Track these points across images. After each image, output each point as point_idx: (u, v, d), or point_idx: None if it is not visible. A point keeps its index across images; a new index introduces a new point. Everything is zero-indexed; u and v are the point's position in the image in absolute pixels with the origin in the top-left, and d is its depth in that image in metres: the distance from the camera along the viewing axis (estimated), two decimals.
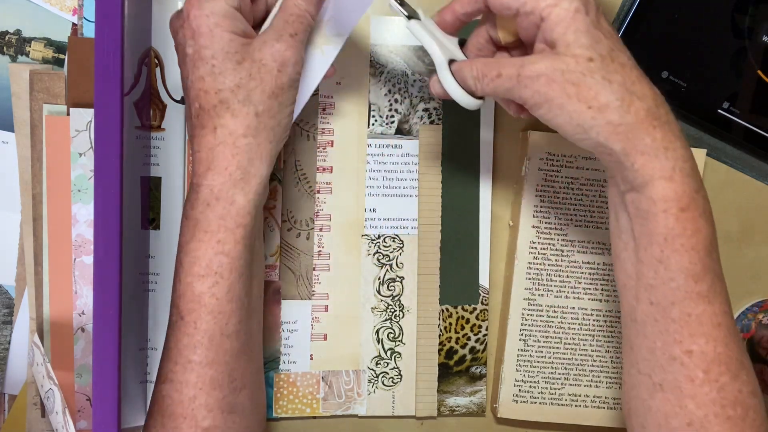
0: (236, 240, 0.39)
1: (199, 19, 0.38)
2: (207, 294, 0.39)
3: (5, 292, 0.51)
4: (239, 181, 0.39)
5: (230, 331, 0.40)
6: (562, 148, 0.52)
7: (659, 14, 0.52)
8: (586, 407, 0.53)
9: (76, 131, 0.48)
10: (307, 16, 0.41)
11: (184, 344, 0.39)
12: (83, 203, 0.48)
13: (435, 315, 0.54)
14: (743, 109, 0.54)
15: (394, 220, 0.53)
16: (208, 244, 0.39)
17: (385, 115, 0.53)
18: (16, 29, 0.50)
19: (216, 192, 0.39)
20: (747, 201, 0.56)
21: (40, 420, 0.50)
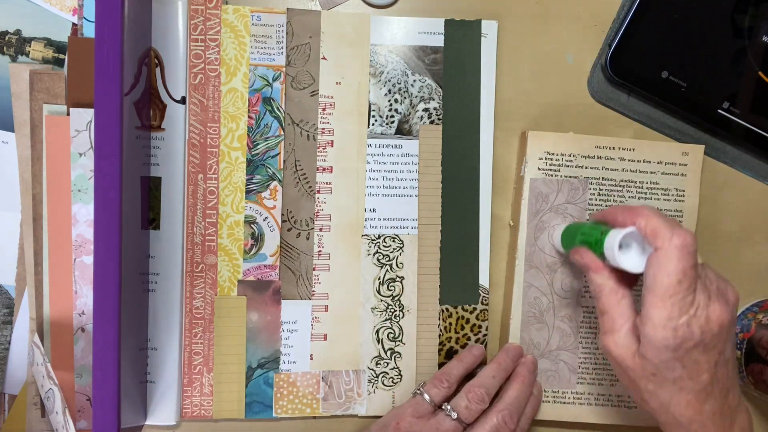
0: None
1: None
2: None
3: (5, 292, 0.51)
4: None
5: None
6: (562, 148, 0.52)
7: (659, 14, 0.52)
8: (590, 405, 0.53)
9: (76, 131, 0.48)
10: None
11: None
12: (83, 203, 0.48)
13: (435, 315, 0.54)
14: (743, 109, 0.54)
15: (394, 220, 0.53)
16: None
17: (385, 115, 0.53)
18: (16, 29, 0.50)
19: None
20: (747, 201, 0.56)
21: (40, 420, 0.50)
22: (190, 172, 0.51)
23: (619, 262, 0.41)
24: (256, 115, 0.52)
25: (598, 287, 0.43)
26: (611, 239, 0.42)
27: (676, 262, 0.39)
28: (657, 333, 0.39)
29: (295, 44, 0.52)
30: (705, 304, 0.40)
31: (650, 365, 0.40)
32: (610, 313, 0.42)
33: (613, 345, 0.42)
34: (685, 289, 0.39)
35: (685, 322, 0.39)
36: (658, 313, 0.39)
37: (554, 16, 0.54)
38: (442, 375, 0.51)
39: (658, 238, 0.39)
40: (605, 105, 0.54)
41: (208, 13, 0.51)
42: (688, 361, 0.40)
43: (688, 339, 0.39)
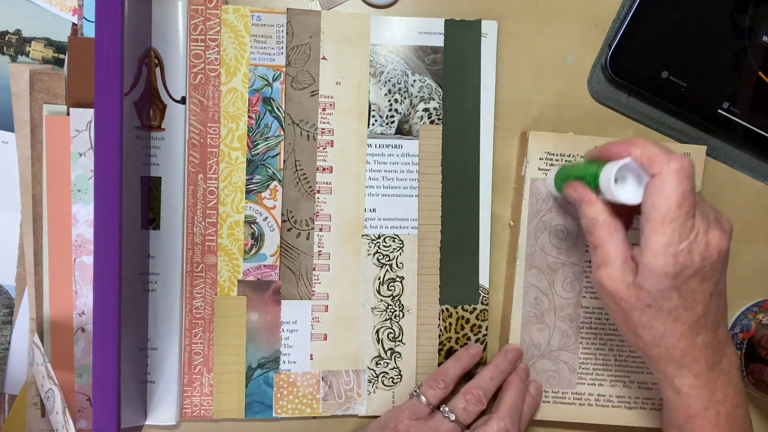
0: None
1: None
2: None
3: (5, 292, 0.51)
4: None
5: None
6: (562, 148, 0.52)
7: (659, 14, 0.52)
8: (590, 405, 0.53)
9: (76, 131, 0.48)
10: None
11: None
12: (83, 203, 0.48)
13: (435, 315, 0.54)
14: (743, 109, 0.54)
15: (394, 220, 0.53)
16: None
17: (385, 115, 0.53)
18: (16, 29, 0.50)
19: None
20: (747, 201, 0.56)
21: (40, 420, 0.50)
22: (190, 172, 0.51)
23: (615, 195, 0.41)
24: (256, 115, 0.52)
25: (591, 220, 0.42)
26: (607, 171, 0.41)
27: (675, 185, 0.38)
28: (657, 259, 0.38)
29: (295, 44, 0.52)
30: (705, 231, 0.39)
31: (646, 295, 0.40)
32: (603, 246, 0.42)
33: (607, 278, 0.41)
34: (685, 213, 0.38)
35: (686, 247, 0.38)
36: (658, 239, 0.38)
37: (554, 16, 0.54)
38: (439, 375, 0.51)
39: (655, 164, 0.39)
40: (605, 105, 0.54)
41: (208, 13, 0.51)
42: (685, 291, 0.39)
43: (688, 266, 0.39)
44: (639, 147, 0.40)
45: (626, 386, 0.53)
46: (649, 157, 0.39)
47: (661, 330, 0.41)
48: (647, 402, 0.53)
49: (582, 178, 0.44)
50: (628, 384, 0.53)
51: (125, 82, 0.44)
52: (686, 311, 0.40)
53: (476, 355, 0.52)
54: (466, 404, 0.49)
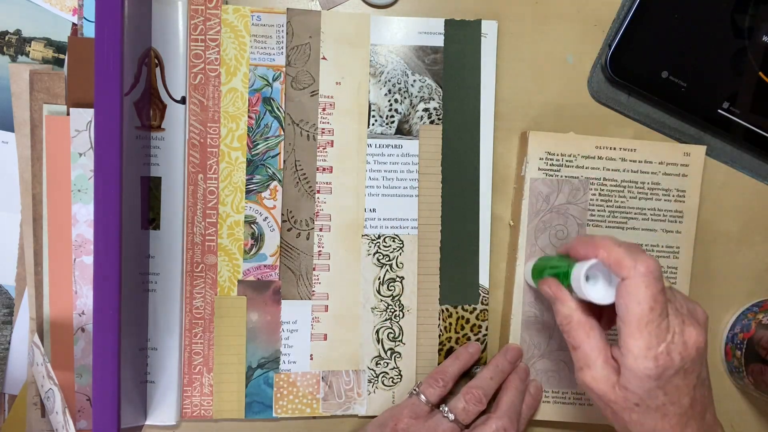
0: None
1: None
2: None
3: (5, 292, 0.51)
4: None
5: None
6: (562, 148, 0.52)
7: (659, 14, 0.52)
8: (590, 405, 0.53)
9: (76, 131, 0.48)
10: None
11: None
12: (83, 203, 0.48)
13: (435, 315, 0.54)
14: (743, 109, 0.54)
15: (394, 220, 0.53)
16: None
17: (385, 115, 0.53)
18: (16, 29, 0.50)
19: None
20: (747, 201, 0.56)
21: (40, 420, 0.50)
22: (190, 172, 0.51)
23: (586, 294, 0.41)
24: (256, 115, 0.52)
25: (566, 318, 0.43)
26: (577, 271, 0.42)
27: (644, 289, 0.39)
28: (638, 364, 0.39)
29: (295, 44, 0.52)
30: (680, 330, 0.40)
31: (633, 396, 0.40)
32: (582, 348, 0.42)
33: (591, 380, 0.42)
34: (658, 315, 0.39)
35: (665, 349, 0.39)
36: (636, 343, 0.39)
37: (554, 16, 0.54)
38: (438, 374, 0.51)
39: (623, 268, 0.39)
40: (605, 105, 0.54)
41: (208, 13, 0.51)
42: (670, 388, 0.40)
43: (669, 366, 0.39)
44: (605, 250, 0.40)
45: None
46: (616, 260, 0.40)
47: (651, 425, 0.41)
48: None
49: (556, 276, 0.45)
50: None
51: (125, 82, 0.44)
52: (673, 406, 0.40)
53: (475, 354, 0.52)
54: (466, 404, 0.49)
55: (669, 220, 0.53)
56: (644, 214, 0.53)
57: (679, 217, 0.53)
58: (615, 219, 0.53)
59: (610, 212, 0.53)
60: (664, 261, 0.53)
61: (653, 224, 0.53)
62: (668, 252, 0.53)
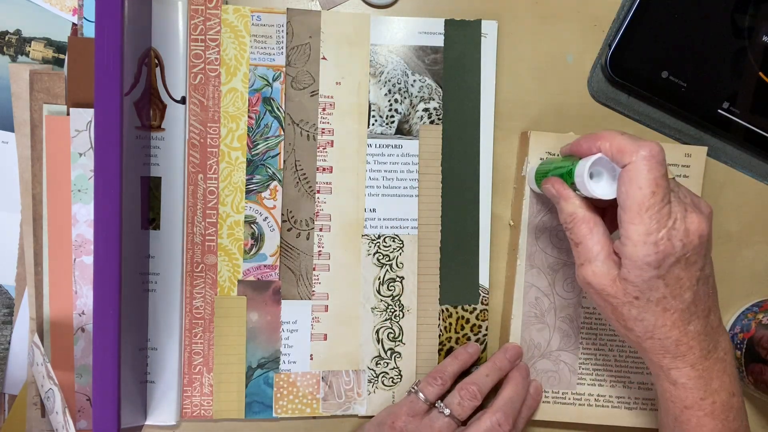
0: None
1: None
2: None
3: (5, 292, 0.51)
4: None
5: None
6: None
7: (659, 14, 0.52)
8: (590, 406, 0.53)
9: (76, 131, 0.48)
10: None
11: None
12: (83, 203, 0.48)
13: (435, 315, 0.54)
14: (743, 109, 0.54)
15: (394, 220, 0.53)
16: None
17: (385, 115, 0.53)
18: (16, 29, 0.50)
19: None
20: (747, 201, 0.56)
21: (40, 420, 0.50)
22: (190, 172, 0.51)
23: (590, 190, 0.41)
24: (256, 115, 0.52)
25: (570, 216, 0.42)
26: (580, 168, 0.41)
27: (646, 172, 0.38)
28: (638, 250, 0.38)
29: (295, 44, 0.52)
30: (682, 216, 0.39)
31: (633, 288, 0.40)
32: (584, 243, 0.41)
33: (591, 274, 0.41)
34: (660, 200, 0.38)
35: (665, 235, 0.38)
36: (636, 228, 0.38)
37: (554, 16, 0.54)
38: (437, 373, 0.51)
39: (625, 154, 0.38)
40: (605, 105, 0.54)
41: (208, 13, 0.51)
42: (671, 279, 0.39)
43: (670, 254, 0.38)
44: (607, 140, 0.40)
45: (626, 387, 0.53)
46: (617, 148, 0.39)
47: (651, 321, 0.40)
48: (647, 402, 0.53)
49: (559, 174, 0.44)
50: (628, 384, 0.53)
51: (125, 82, 0.44)
52: (674, 299, 0.40)
53: (474, 354, 0.52)
54: (461, 399, 0.49)
55: None
56: None
57: None
58: None
59: None
60: None
61: None
62: None
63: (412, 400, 0.50)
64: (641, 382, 0.53)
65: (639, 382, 0.53)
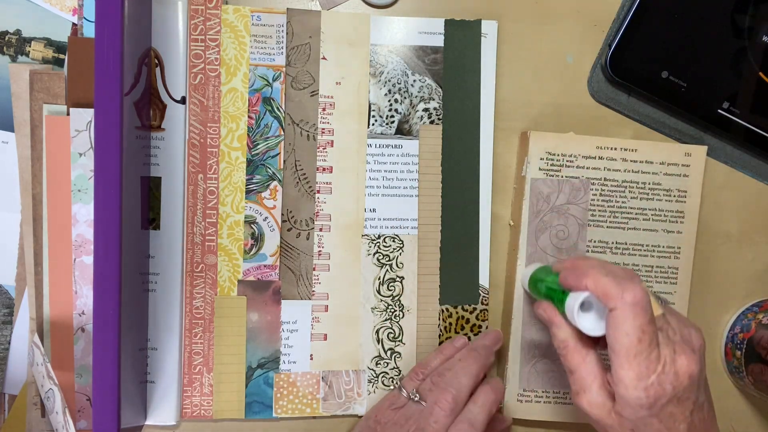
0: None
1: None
2: None
3: (5, 292, 0.51)
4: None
5: None
6: (562, 148, 0.52)
7: (659, 14, 0.52)
8: None
9: (76, 131, 0.48)
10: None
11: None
12: (83, 203, 0.48)
13: (435, 315, 0.54)
14: (743, 109, 0.54)
15: (394, 220, 0.53)
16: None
17: (385, 115, 0.53)
18: (16, 29, 0.50)
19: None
20: (747, 201, 0.56)
21: (40, 420, 0.50)
22: (190, 172, 0.51)
23: (579, 326, 0.41)
24: (256, 115, 0.52)
25: (562, 343, 0.43)
26: (570, 303, 0.42)
27: (631, 320, 0.38)
28: (629, 393, 0.39)
29: (295, 44, 0.52)
30: (671, 359, 0.39)
31: (628, 422, 0.40)
32: (578, 372, 0.42)
33: (587, 405, 0.42)
34: (647, 346, 0.38)
35: (655, 380, 0.39)
36: (627, 374, 0.39)
37: (554, 16, 0.54)
38: (419, 368, 0.51)
39: (610, 298, 0.39)
40: (605, 105, 0.54)
41: (208, 13, 0.51)
42: (664, 415, 0.40)
43: (661, 396, 0.39)
44: (592, 279, 0.40)
45: None
46: (602, 290, 0.40)
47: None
48: None
49: (551, 298, 0.45)
50: None
51: (125, 82, 0.44)
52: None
53: (461, 348, 0.52)
54: (432, 386, 0.48)
55: (670, 221, 0.53)
56: (645, 215, 0.53)
57: (680, 218, 0.53)
58: (616, 219, 0.53)
59: (610, 212, 0.53)
60: (665, 261, 0.53)
61: (654, 224, 0.53)
62: (669, 252, 0.53)
63: (395, 394, 0.50)
64: None
65: None
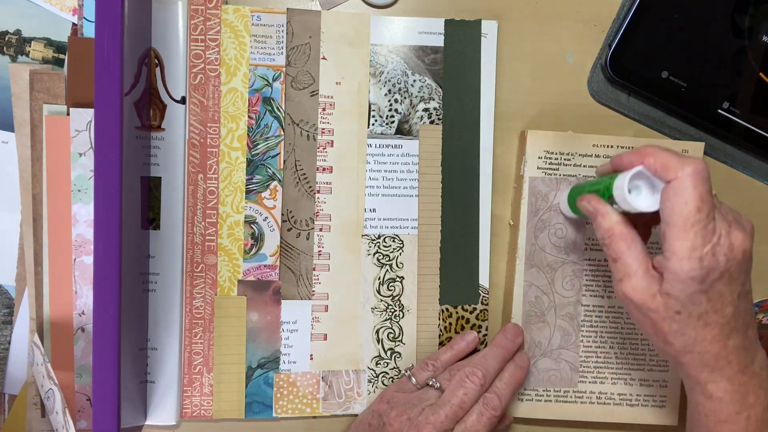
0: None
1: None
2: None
3: (5, 292, 0.51)
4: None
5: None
6: (561, 147, 0.52)
7: (659, 14, 0.52)
8: (591, 404, 0.53)
9: (76, 131, 0.48)
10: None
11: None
12: (83, 203, 0.48)
13: (435, 315, 0.54)
14: (743, 109, 0.54)
15: (394, 220, 0.53)
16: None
17: (385, 115, 0.53)
18: (16, 29, 0.50)
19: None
20: (747, 201, 0.56)
21: (40, 420, 0.50)
22: (190, 172, 0.51)
23: (631, 204, 0.41)
24: (256, 115, 0.52)
25: (607, 232, 0.42)
26: (620, 181, 0.41)
27: (692, 189, 0.38)
28: (683, 265, 0.38)
29: (295, 44, 0.52)
30: (726, 232, 0.39)
31: (675, 302, 0.40)
32: (623, 258, 0.42)
33: (631, 290, 0.41)
34: (705, 216, 0.38)
35: (710, 251, 0.38)
36: (682, 244, 0.38)
37: (554, 16, 0.54)
38: (429, 359, 0.51)
39: (670, 170, 0.39)
40: (605, 105, 0.54)
41: (208, 13, 0.51)
42: (714, 294, 0.39)
43: (714, 269, 0.39)
44: (651, 156, 0.40)
45: (627, 384, 0.53)
46: (663, 163, 0.39)
47: (692, 336, 0.41)
48: (648, 399, 0.53)
49: (595, 191, 0.45)
50: (629, 381, 0.53)
51: (125, 82, 0.44)
52: (716, 314, 0.40)
53: (471, 343, 0.52)
54: (450, 376, 0.49)
55: None
56: None
57: None
58: None
59: None
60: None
61: None
62: None
63: (403, 380, 0.51)
64: (642, 379, 0.53)
65: (640, 378, 0.53)
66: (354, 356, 0.53)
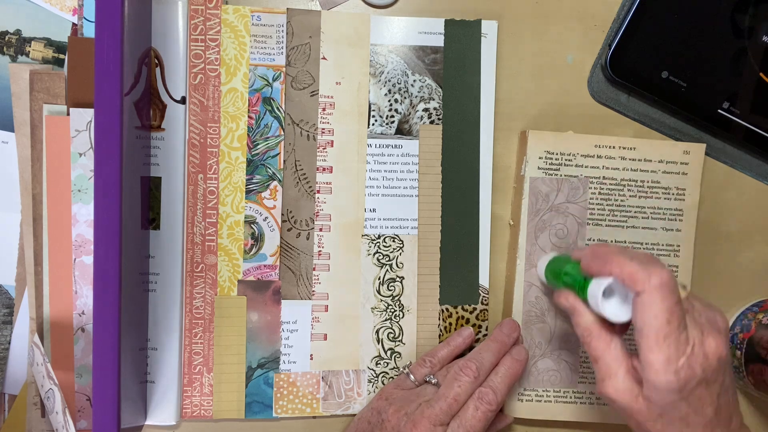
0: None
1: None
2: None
3: (5, 292, 0.51)
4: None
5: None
6: (561, 147, 0.52)
7: (659, 14, 0.52)
8: (591, 404, 0.53)
9: (76, 131, 0.48)
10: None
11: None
12: (83, 203, 0.48)
13: (435, 315, 0.54)
14: (743, 109, 0.54)
15: (394, 220, 0.53)
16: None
17: (385, 115, 0.53)
18: (16, 29, 0.50)
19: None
20: (747, 201, 0.56)
21: (40, 420, 0.50)
22: (190, 172, 0.51)
23: (604, 313, 0.41)
24: (256, 115, 0.52)
25: (586, 330, 0.43)
26: (593, 289, 0.42)
27: (659, 302, 0.38)
28: (659, 378, 0.39)
29: (295, 44, 0.52)
30: (700, 340, 0.39)
31: (656, 407, 0.40)
32: (603, 359, 0.42)
33: (614, 391, 0.41)
34: (676, 328, 0.38)
35: (685, 363, 0.38)
36: (656, 357, 0.39)
37: (554, 16, 0.54)
38: (427, 356, 0.51)
39: (637, 282, 0.39)
40: (605, 105, 0.55)
41: (208, 13, 0.51)
42: (693, 399, 0.39)
43: (692, 378, 0.39)
44: (617, 266, 0.40)
45: None
46: (629, 275, 0.39)
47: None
48: None
49: (571, 286, 0.45)
50: None
51: (125, 82, 0.44)
52: (697, 416, 0.40)
53: (468, 338, 0.52)
54: (447, 372, 0.49)
55: (669, 219, 0.53)
56: (644, 213, 0.53)
57: (679, 215, 0.53)
58: (615, 217, 0.53)
59: (609, 211, 0.53)
60: (665, 260, 0.53)
61: (653, 222, 0.53)
62: (668, 250, 0.53)
63: (402, 378, 0.51)
64: None
65: None
66: (354, 356, 0.53)
